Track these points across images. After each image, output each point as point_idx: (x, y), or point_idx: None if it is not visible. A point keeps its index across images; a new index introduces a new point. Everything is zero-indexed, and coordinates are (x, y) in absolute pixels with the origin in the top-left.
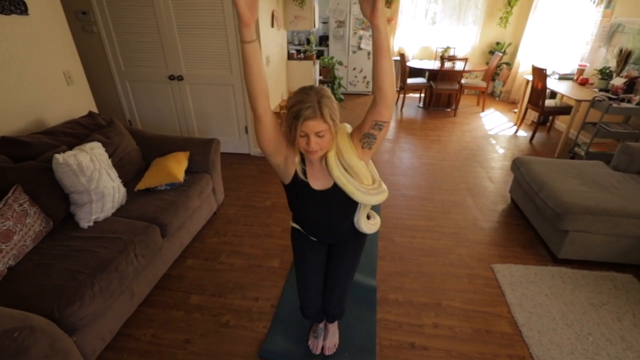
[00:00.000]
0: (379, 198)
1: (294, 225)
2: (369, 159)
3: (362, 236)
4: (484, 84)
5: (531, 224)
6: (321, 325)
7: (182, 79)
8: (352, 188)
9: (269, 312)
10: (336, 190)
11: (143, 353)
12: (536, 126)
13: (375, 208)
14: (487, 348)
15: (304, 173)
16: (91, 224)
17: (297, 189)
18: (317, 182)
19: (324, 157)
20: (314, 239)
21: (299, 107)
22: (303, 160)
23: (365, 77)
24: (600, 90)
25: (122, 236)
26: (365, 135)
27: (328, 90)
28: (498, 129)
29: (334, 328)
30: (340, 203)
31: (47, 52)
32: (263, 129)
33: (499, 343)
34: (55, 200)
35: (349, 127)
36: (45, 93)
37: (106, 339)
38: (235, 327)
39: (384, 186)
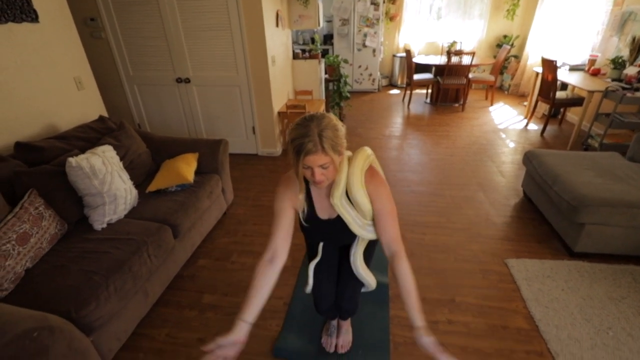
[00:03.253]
0: (374, 235)
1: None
2: None
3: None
4: (492, 78)
5: (545, 218)
6: (334, 322)
7: (189, 81)
8: (350, 218)
9: (282, 311)
10: (340, 219)
11: (158, 352)
12: (547, 119)
13: None
14: (503, 344)
15: (307, 211)
16: (104, 225)
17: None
18: (323, 212)
19: (331, 185)
20: None
21: (300, 142)
22: (308, 190)
23: (370, 75)
24: (613, 80)
25: (135, 237)
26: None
27: (332, 118)
28: (508, 122)
29: (346, 325)
30: (346, 229)
31: (58, 58)
32: None
33: (515, 339)
34: (69, 203)
35: (369, 152)
36: (57, 99)
37: (122, 339)
38: None
39: None
